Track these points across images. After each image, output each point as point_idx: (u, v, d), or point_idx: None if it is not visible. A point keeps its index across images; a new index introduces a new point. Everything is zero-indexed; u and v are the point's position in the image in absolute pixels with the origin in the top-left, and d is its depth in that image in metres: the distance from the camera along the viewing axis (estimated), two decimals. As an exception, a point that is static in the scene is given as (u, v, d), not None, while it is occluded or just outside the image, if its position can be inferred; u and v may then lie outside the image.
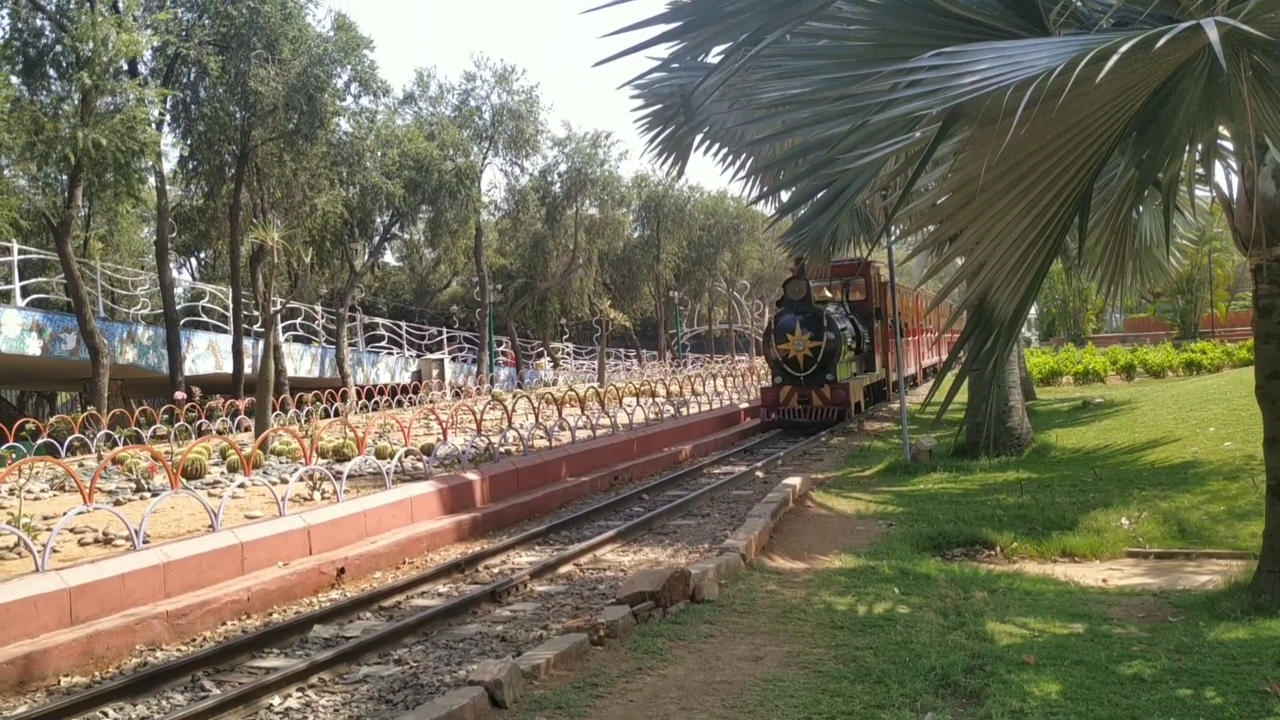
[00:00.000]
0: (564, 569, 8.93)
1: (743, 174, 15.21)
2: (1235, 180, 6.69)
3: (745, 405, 24.09)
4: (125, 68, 21.78)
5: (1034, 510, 10.61)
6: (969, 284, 6.18)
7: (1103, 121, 4.74)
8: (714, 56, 10.42)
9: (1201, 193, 11.45)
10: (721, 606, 7.31)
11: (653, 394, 24.95)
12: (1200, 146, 6.05)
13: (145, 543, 8.17)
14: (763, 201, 16.73)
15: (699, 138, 14.73)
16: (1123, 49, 3.82)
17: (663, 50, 7.80)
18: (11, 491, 11.29)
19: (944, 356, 34.47)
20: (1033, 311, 60.11)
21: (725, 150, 14.67)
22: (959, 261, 6.45)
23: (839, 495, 12.39)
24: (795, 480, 12.10)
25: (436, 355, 38.58)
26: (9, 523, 8.51)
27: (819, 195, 8.46)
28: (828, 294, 22.73)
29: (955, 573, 8.40)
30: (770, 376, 21.91)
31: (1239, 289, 46.45)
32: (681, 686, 5.71)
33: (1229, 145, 6.69)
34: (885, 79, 5.30)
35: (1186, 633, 6.38)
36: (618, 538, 10.08)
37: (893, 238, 16.27)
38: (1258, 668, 5.52)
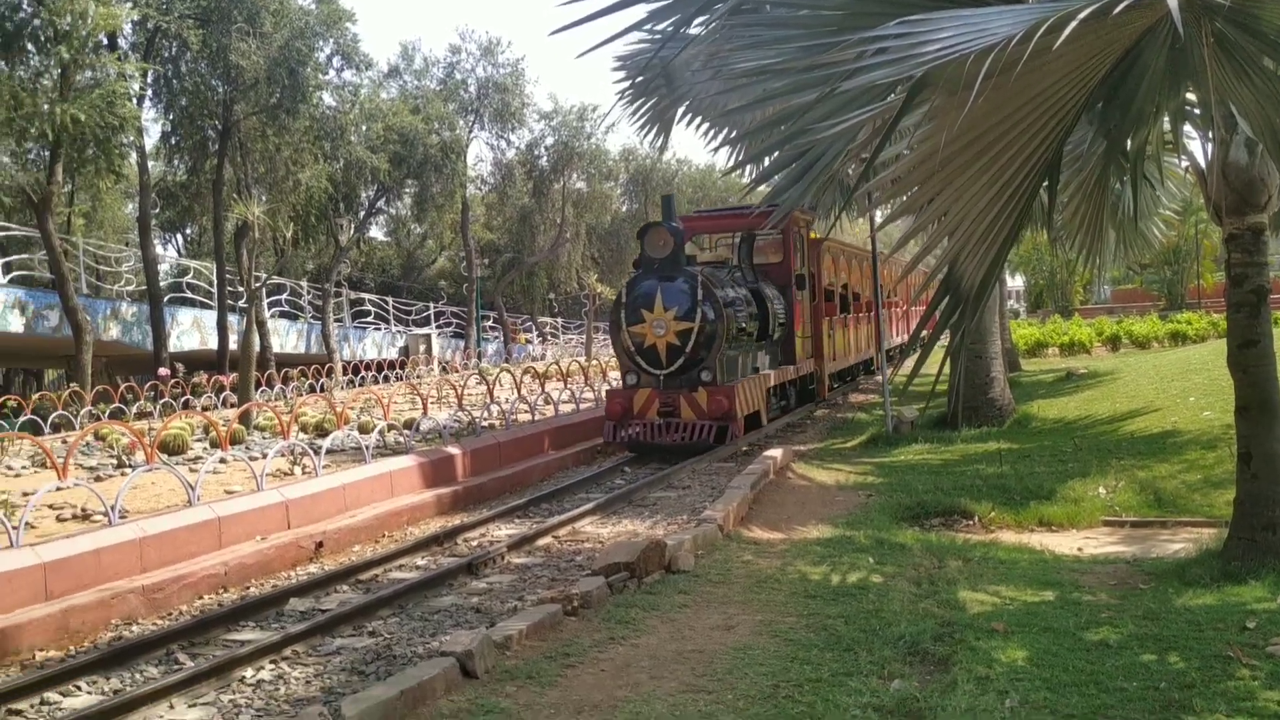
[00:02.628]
0: (542, 541, 8.96)
1: (724, 145, 15.24)
2: (1209, 149, 6.69)
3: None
4: (104, 42, 21.56)
5: (1013, 480, 10.66)
6: (942, 252, 6.19)
7: (1067, 90, 4.74)
8: (695, 28, 10.40)
9: (1181, 162, 11.45)
10: (697, 577, 7.35)
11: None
12: (1167, 116, 6.05)
13: (122, 518, 8.17)
14: (741, 172, 16.68)
15: (681, 110, 14.70)
16: (1081, 14, 3.80)
17: (641, 10, 7.77)
18: (-9, 468, 11.27)
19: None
20: (1020, 283, 60.22)
21: (706, 123, 14.65)
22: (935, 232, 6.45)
23: (820, 466, 12.43)
24: (776, 452, 12.15)
25: (424, 330, 38.53)
26: (-14, 499, 8.50)
27: (793, 165, 8.46)
28: (718, 252, 16.95)
29: (931, 542, 8.45)
30: (621, 375, 14.53)
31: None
32: (653, 656, 5.75)
33: (1199, 113, 6.69)
34: (854, 47, 5.28)
35: (1155, 599, 6.44)
36: (597, 510, 10.11)
37: (871, 207, 16.18)
38: (1222, 633, 5.58)
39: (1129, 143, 5.90)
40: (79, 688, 5.73)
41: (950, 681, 5.07)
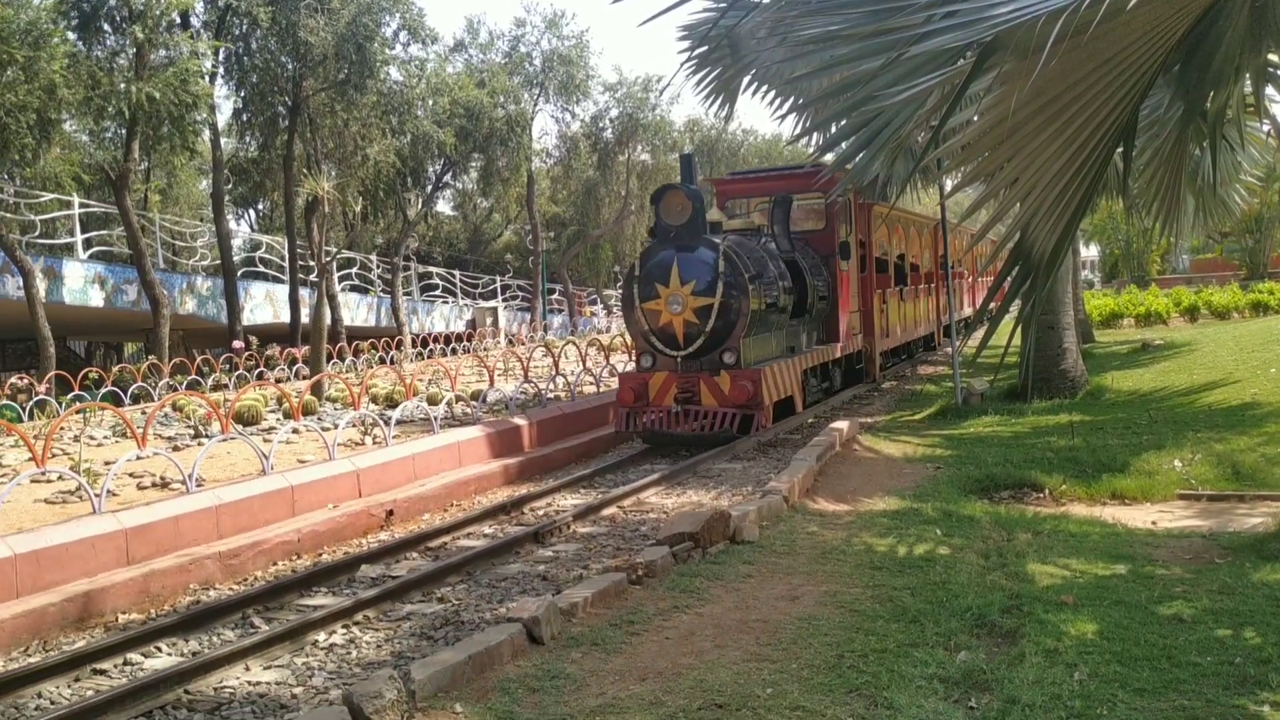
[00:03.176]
0: (607, 511, 9.02)
1: (789, 113, 15.11)
2: (1293, 111, 6.46)
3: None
4: (178, 21, 21.97)
5: (1085, 453, 10.47)
6: (1012, 221, 6.08)
7: (1143, 51, 4.60)
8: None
9: (1264, 126, 11.09)
10: (761, 548, 7.35)
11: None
12: (1248, 77, 5.85)
13: (199, 486, 8.39)
14: (808, 140, 16.41)
15: (746, 79, 14.58)
16: (1158, -27, 3.69)
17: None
18: (75, 438, 11.64)
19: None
20: (1094, 253, 58.85)
21: (772, 91, 14.51)
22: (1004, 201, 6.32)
23: (887, 439, 12.33)
24: (842, 424, 12.07)
25: (490, 303, 38.81)
26: (71, 468, 8.79)
27: (860, 132, 8.35)
28: (752, 219, 14.80)
29: (1000, 515, 8.35)
30: (635, 357, 13.26)
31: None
32: (717, 624, 5.77)
33: (1283, 74, 6.46)
34: (922, 11, 5.19)
35: (1231, 574, 6.30)
36: (661, 481, 10.14)
37: (939, 174, 15.85)
38: (1301, 608, 5.45)
39: (1208, 106, 5.72)
40: (159, 649, 5.92)
41: (1018, 654, 5.02)
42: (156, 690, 5.08)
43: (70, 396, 15.46)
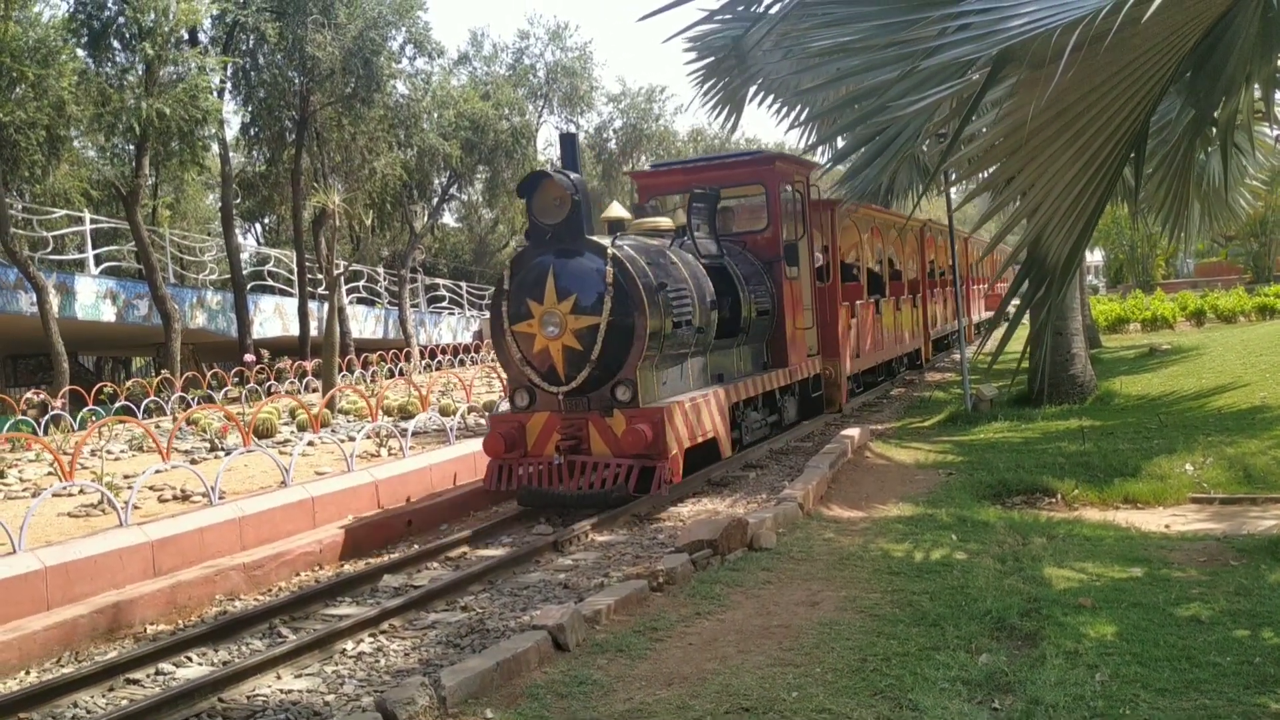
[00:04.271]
0: (624, 519, 9.09)
1: (796, 124, 15.19)
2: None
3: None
4: (186, 37, 22.18)
5: (1096, 457, 10.54)
6: (1025, 228, 6.15)
7: (1155, 61, 4.69)
8: (765, 8, 10.38)
9: (1272, 131, 11.18)
10: (779, 554, 7.42)
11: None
12: (1258, 84, 5.94)
13: (221, 498, 8.49)
14: (817, 151, 16.50)
15: (753, 89, 14.68)
16: (1172, -14, 3.78)
17: (713, 2, 7.80)
18: (93, 452, 11.74)
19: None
20: (1099, 258, 58.94)
21: (779, 101, 14.61)
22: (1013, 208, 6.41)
23: (898, 445, 12.40)
24: (854, 431, 12.13)
25: (497, 314, 38.85)
26: (94, 480, 8.89)
27: (872, 143, 8.45)
28: (668, 220, 11.76)
29: (1014, 519, 8.41)
30: (509, 394, 10.20)
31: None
32: (739, 630, 5.84)
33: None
34: (934, 24, 5.28)
35: (1247, 576, 6.36)
36: (676, 491, 10.19)
37: (949, 183, 15.83)
38: (1318, 609, 5.51)
39: (1218, 112, 5.81)
40: (190, 659, 6.01)
41: (1039, 656, 5.09)
42: (191, 699, 5.17)
43: (84, 411, 15.58)
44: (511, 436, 9.55)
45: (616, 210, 10.45)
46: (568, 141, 10.20)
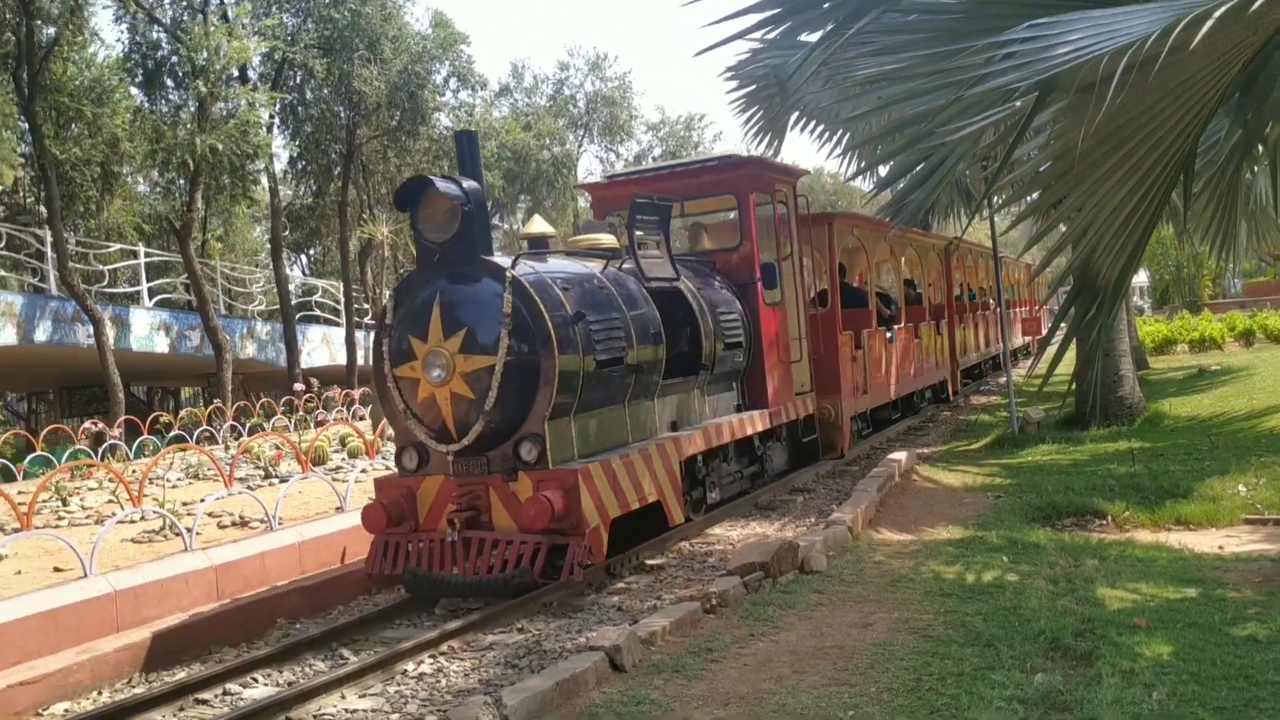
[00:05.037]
0: (675, 544, 9.17)
1: (840, 151, 15.27)
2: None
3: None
4: (236, 74, 22.69)
5: (1146, 479, 10.47)
6: (1072, 251, 6.21)
7: (1202, 84, 4.76)
8: (807, 36, 10.53)
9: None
10: (830, 577, 7.47)
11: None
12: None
13: (280, 524, 8.67)
14: (861, 177, 16.47)
15: (794, 117, 14.80)
16: (1218, 13, 3.86)
17: (755, 29, 7.93)
18: (152, 480, 12.00)
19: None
20: (1144, 279, 58.31)
21: (821, 128, 14.72)
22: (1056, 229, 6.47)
23: (945, 469, 12.38)
24: (900, 455, 12.14)
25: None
26: (157, 506, 9.12)
27: (917, 169, 8.54)
28: (612, 238, 9.84)
29: (1065, 541, 8.39)
30: (395, 452, 8.38)
31: (1367, 249, 44.17)
32: (793, 651, 5.90)
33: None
34: (979, 52, 5.38)
35: (1305, 596, 6.33)
36: (724, 515, 10.27)
37: (994, 208, 15.72)
38: (1378, 628, 5.48)
39: (1267, 130, 5.85)
40: (255, 679, 6.16)
41: (1095, 675, 5.11)
42: (259, 717, 5.31)
43: (139, 441, 15.91)
44: (398, 506, 7.72)
45: (538, 225, 9.03)
46: (464, 141, 8.10)
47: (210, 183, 21.54)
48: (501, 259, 7.79)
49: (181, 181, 22.73)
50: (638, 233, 9.33)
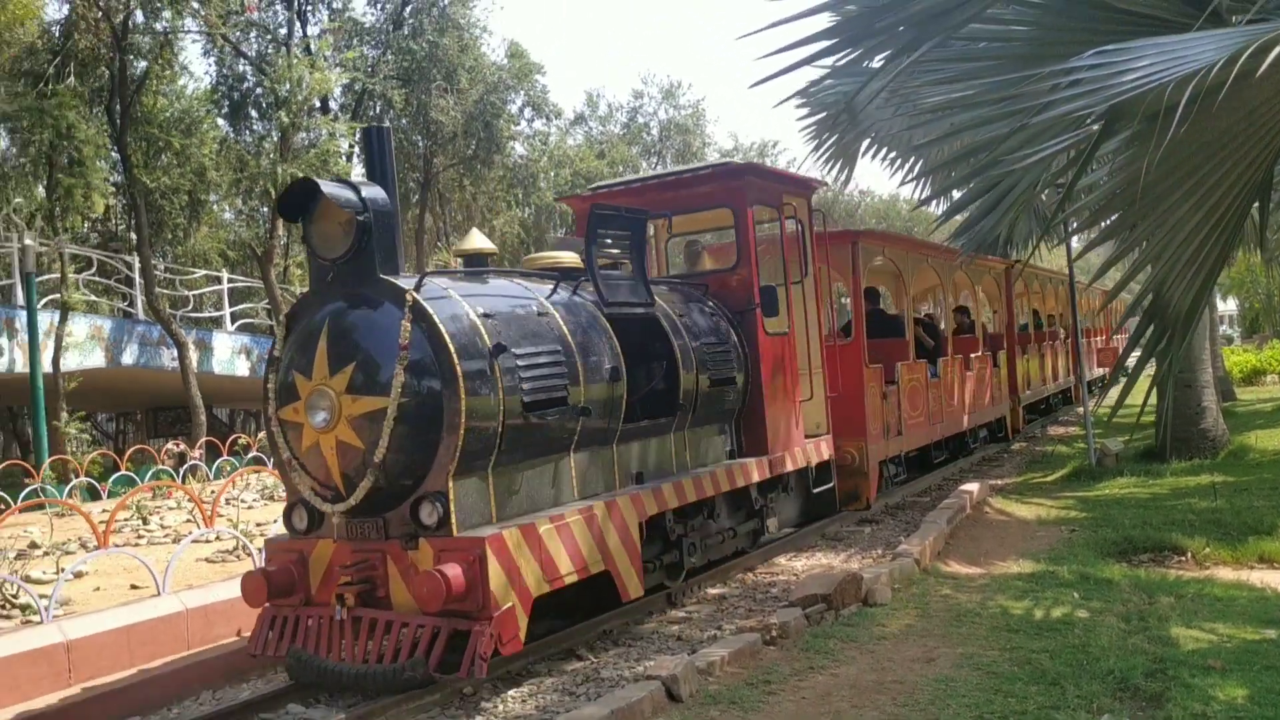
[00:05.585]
0: (737, 574, 9.11)
1: (911, 178, 15.15)
2: None
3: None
4: (318, 105, 23.31)
5: (1229, 514, 10.15)
6: (1146, 278, 6.08)
7: (1274, 111, 4.64)
8: (876, 63, 10.49)
9: None
10: (894, 610, 7.36)
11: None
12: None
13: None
14: (934, 203, 16.26)
15: (865, 144, 14.74)
16: (1287, 38, 3.77)
17: (809, 61, 7.93)
18: (228, 500, 12.29)
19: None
20: (1233, 307, 56.64)
21: (893, 154, 14.63)
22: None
23: (1019, 501, 12.14)
24: (973, 486, 11.93)
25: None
26: (230, 527, 9.34)
27: (987, 195, 8.44)
28: (574, 256, 8.14)
29: (1140, 578, 8.16)
30: (285, 510, 6.74)
31: None
32: (853, 685, 5.82)
33: None
34: (1046, 79, 5.32)
35: (1393, 640, 6.07)
36: (789, 545, 10.19)
37: (1068, 236, 15.32)
38: None
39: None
40: (317, 699, 6.24)
41: (1164, 717, 4.95)
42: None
43: (219, 462, 16.32)
44: (285, 575, 6.39)
45: (476, 240, 7.62)
46: (373, 139, 6.83)
47: (291, 210, 22.09)
48: (404, 279, 6.38)
49: (264, 209, 23.38)
50: (611, 251, 7.99)
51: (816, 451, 10.25)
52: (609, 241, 7.82)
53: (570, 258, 8.07)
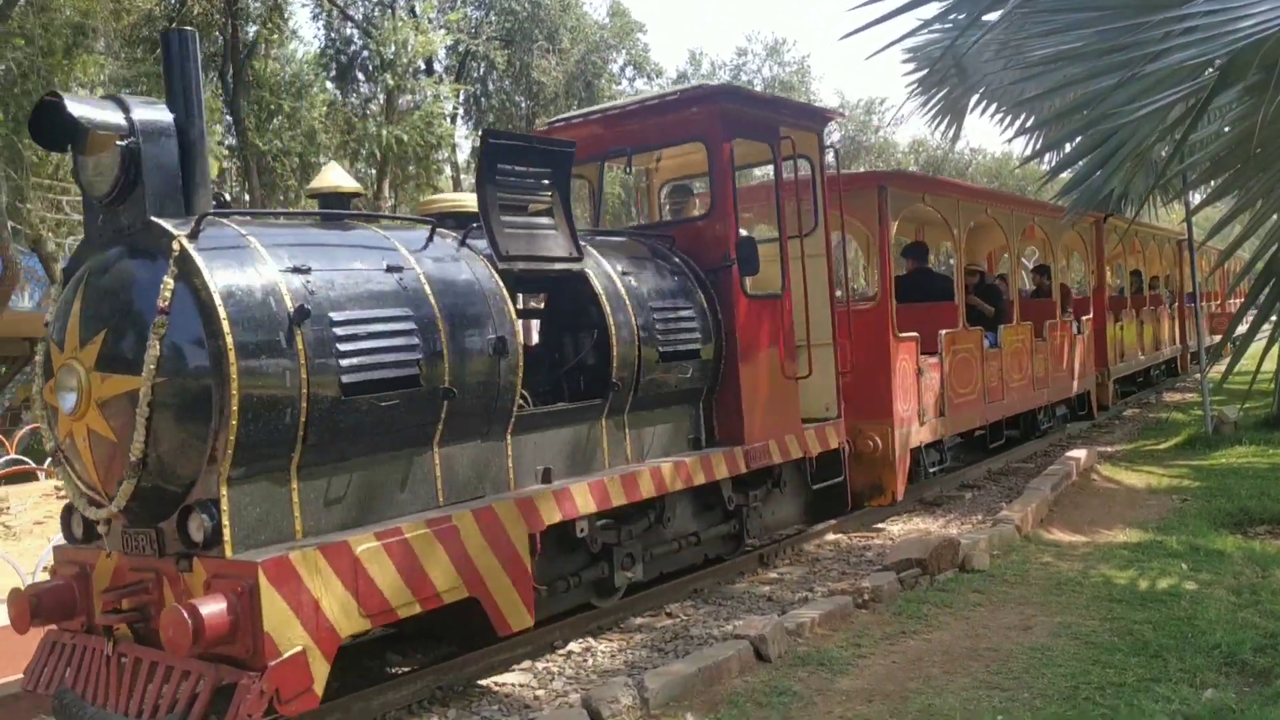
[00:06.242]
0: (832, 536, 9.04)
1: (1020, 134, 14.65)
2: None
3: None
4: (422, 67, 23.60)
5: (1355, 486, 9.70)
6: (1262, 238, 5.79)
7: None
8: (988, 16, 10.15)
9: None
10: (992, 576, 7.23)
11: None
12: None
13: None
14: (1040, 160, 15.63)
15: (974, 99, 14.30)
16: None
17: (933, 8, 7.70)
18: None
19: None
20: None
21: (1002, 109, 14.17)
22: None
23: (1128, 468, 11.77)
24: (1080, 453, 11.60)
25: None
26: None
27: (1097, 150, 8.11)
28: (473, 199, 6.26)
29: (1254, 550, 7.85)
30: (63, 516, 5.41)
31: None
32: (945, 651, 5.75)
33: None
34: (1157, 27, 5.07)
35: None
36: (889, 510, 10.05)
37: (1185, 190, 14.39)
38: None
39: None
40: (416, 651, 6.42)
41: (1272, 694, 4.77)
42: (413, 682, 5.53)
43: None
44: (62, 593, 5.17)
45: (334, 177, 6.18)
46: (173, 45, 5.26)
47: (397, 172, 22.50)
48: (181, 223, 4.88)
49: (371, 171, 23.83)
50: (519, 194, 6.29)
51: (819, 439, 8.41)
52: (513, 180, 6.18)
53: (470, 200, 6.40)
